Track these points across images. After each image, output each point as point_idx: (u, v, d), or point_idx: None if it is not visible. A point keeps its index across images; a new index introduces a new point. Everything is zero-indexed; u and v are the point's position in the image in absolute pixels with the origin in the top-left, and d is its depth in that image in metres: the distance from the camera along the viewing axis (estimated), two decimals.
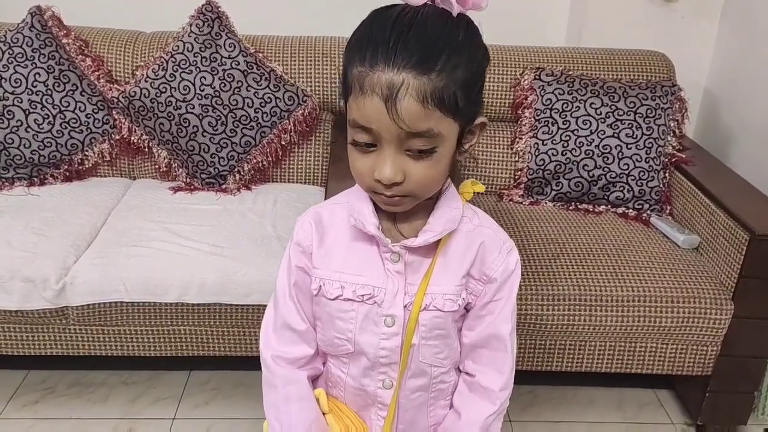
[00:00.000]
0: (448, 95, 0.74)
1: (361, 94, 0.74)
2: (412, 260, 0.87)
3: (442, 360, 0.91)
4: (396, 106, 0.72)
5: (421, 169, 0.78)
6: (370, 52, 0.73)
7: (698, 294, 1.63)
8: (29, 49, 1.96)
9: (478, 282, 0.89)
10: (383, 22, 0.75)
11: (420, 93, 0.72)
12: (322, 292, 0.88)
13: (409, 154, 0.77)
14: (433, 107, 0.73)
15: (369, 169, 0.79)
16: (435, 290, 0.86)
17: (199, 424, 1.78)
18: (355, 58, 0.75)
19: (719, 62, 2.35)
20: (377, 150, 0.77)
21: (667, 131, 1.98)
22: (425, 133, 0.75)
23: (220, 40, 1.99)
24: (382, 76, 0.72)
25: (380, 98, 0.73)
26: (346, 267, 0.88)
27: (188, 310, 1.64)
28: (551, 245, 1.76)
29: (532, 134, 2.02)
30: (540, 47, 2.17)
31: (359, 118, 0.76)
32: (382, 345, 0.88)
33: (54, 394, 1.86)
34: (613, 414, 1.88)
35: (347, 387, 0.93)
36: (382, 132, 0.75)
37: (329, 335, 0.91)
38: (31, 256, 1.63)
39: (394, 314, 0.86)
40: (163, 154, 2.04)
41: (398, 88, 0.72)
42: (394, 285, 0.86)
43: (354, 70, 0.75)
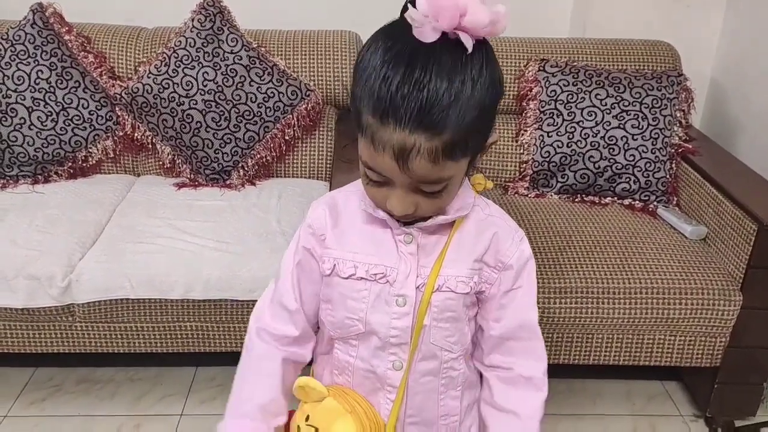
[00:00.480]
0: (460, 144, 0.74)
1: (372, 147, 0.75)
2: (425, 243, 0.88)
3: (453, 344, 0.91)
4: (408, 165, 0.73)
5: (433, 204, 0.81)
6: (381, 103, 0.71)
7: (706, 285, 1.62)
8: (31, 46, 1.95)
9: (493, 269, 0.90)
10: (395, 62, 0.71)
11: (432, 153, 0.72)
12: (336, 271, 0.89)
13: (422, 191, 0.79)
14: (445, 161, 0.74)
15: (382, 198, 0.81)
16: (448, 272, 0.87)
17: (206, 420, 1.78)
18: (365, 99, 0.74)
19: (725, 51, 2.33)
20: (389, 185, 0.79)
21: (673, 121, 1.97)
22: (437, 180, 0.77)
23: (222, 35, 1.98)
24: (393, 135, 0.72)
25: (391, 158, 0.73)
26: (359, 248, 0.89)
27: (194, 306, 1.64)
28: (557, 238, 1.75)
29: (537, 126, 2.01)
30: (544, 38, 2.15)
31: (371, 164, 0.77)
32: (393, 324, 0.88)
33: (61, 391, 1.86)
34: (621, 406, 1.87)
35: (355, 370, 0.93)
36: (394, 179, 0.77)
37: (340, 316, 0.91)
38: (36, 253, 1.63)
39: (405, 294, 0.87)
40: (166, 151, 2.04)
41: (410, 150, 0.72)
42: (407, 266, 0.87)
43: (365, 116, 0.74)
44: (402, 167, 0.74)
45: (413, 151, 0.72)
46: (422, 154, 0.72)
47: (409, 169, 0.73)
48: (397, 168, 0.74)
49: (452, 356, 0.93)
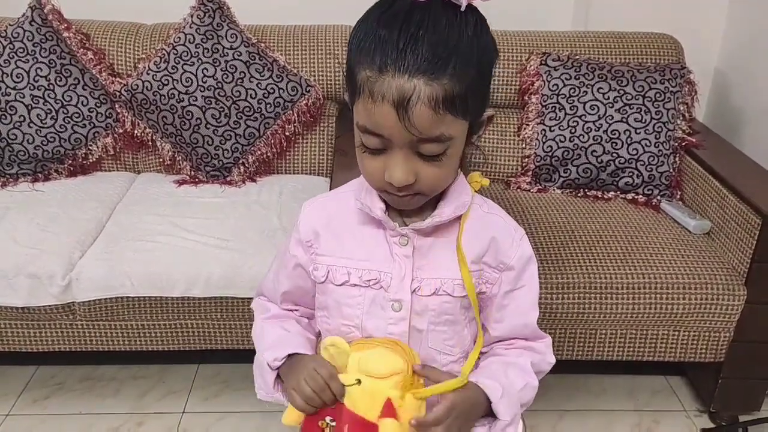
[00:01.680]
0: (459, 98, 0.72)
1: (370, 100, 0.73)
2: (420, 245, 0.86)
3: (452, 348, 0.90)
4: (408, 114, 0.71)
5: (432, 171, 0.78)
6: (379, 56, 0.72)
7: (710, 280, 1.61)
8: (30, 43, 1.94)
9: (494, 270, 0.89)
10: (390, 22, 0.72)
11: (432, 99, 0.71)
12: (330, 278, 0.88)
13: (420, 156, 0.76)
14: (445, 112, 0.72)
15: (379, 171, 0.78)
16: (444, 275, 0.86)
17: (208, 417, 1.78)
18: (362, 60, 0.73)
19: (730, 43, 2.31)
20: (387, 152, 0.77)
21: (676, 115, 1.95)
22: (437, 138, 0.74)
23: (221, 30, 1.97)
24: (392, 82, 0.71)
25: (391, 105, 0.72)
26: (352, 253, 0.88)
27: (195, 304, 1.63)
28: (560, 233, 1.74)
29: (539, 120, 1.99)
30: (546, 32, 2.14)
31: (369, 124, 0.75)
32: (390, 330, 0.87)
33: (64, 389, 1.86)
34: (624, 402, 1.87)
35: None
36: (393, 138, 0.74)
37: (336, 323, 0.90)
38: (36, 252, 1.62)
39: (401, 299, 0.86)
40: (166, 148, 2.03)
41: (410, 95, 0.71)
42: (401, 269, 0.85)
43: (361, 74, 0.73)
44: (402, 117, 0.72)
45: (413, 97, 0.71)
46: (422, 100, 0.71)
47: (410, 118, 0.71)
48: (396, 119, 0.72)
49: (452, 359, 0.91)
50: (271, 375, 0.90)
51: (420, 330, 0.87)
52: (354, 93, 0.77)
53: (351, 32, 0.77)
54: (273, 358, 0.89)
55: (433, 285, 0.86)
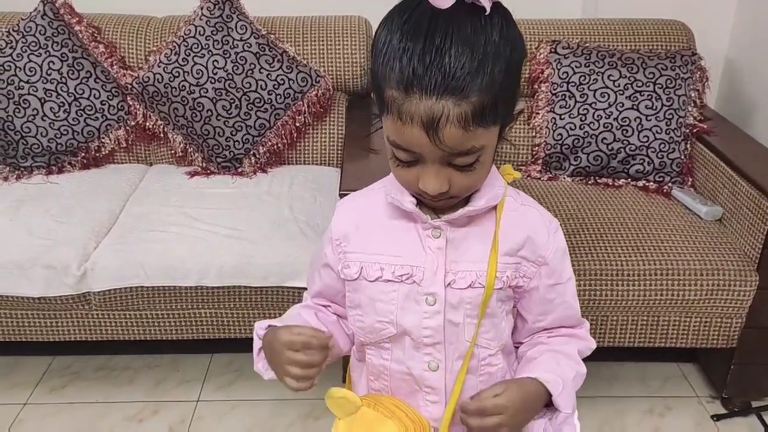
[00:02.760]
0: (488, 109, 0.71)
1: (399, 121, 0.72)
2: (453, 237, 0.85)
3: (489, 341, 0.88)
4: (438, 135, 0.70)
5: (465, 178, 0.77)
6: (405, 73, 0.70)
7: (722, 266, 1.60)
8: (42, 37, 1.96)
9: (533, 264, 0.87)
10: (414, 33, 0.70)
11: (461, 119, 0.70)
12: (363, 275, 0.87)
13: (454, 166, 0.76)
14: (475, 127, 0.71)
15: (413, 180, 0.78)
16: (480, 267, 0.84)
17: (222, 405, 1.80)
18: (387, 76, 0.72)
19: (741, 29, 2.29)
20: (419, 164, 0.76)
21: (687, 101, 1.94)
22: (468, 150, 0.73)
23: (231, 22, 1.97)
24: (419, 104, 0.70)
25: (420, 128, 0.71)
26: (384, 248, 0.87)
27: (208, 293, 1.65)
28: (571, 220, 1.74)
29: (549, 109, 1.99)
30: (555, 20, 2.13)
31: (399, 141, 0.74)
32: (425, 324, 0.85)
33: (80, 378, 1.89)
34: (637, 388, 1.87)
35: (391, 374, 0.90)
36: (425, 154, 0.74)
37: (370, 320, 0.88)
38: (51, 243, 1.65)
39: (434, 292, 0.84)
40: (178, 139, 2.04)
41: (439, 118, 0.69)
42: (433, 262, 0.84)
43: (388, 92, 0.72)
44: (432, 138, 0.71)
45: (442, 119, 0.69)
46: (452, 121, 0.70)
47: (440, 139, 0.71)
48: (426, 139, 0.71)
49: (489, 352, 0.89)
50: (257, 343, 0.91)
51: (456, 323, 0.86)
52: (381, 107, 0.75)
53: (374, 36, 0.76)
54: (259, 327, 0.91)
55: (468, 278, 0.84)
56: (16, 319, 1.69)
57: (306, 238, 1.69)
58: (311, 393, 0.88)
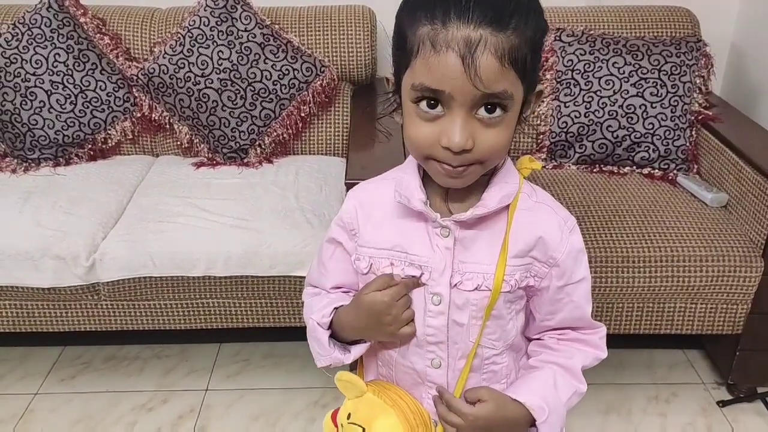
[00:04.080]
0: (522, 55, 0.71)
1: (433, 52, 0.70)
2: (462, 237, 0.83)
3: (494, 342, 0.87)
4: (475, 63, 0.69)
5: (491, 136, 0.74)
6: (442, 9, 0.70)
7: (727, 252, 1.61)
8: (48, 29, 1.97)
9: (544, 264, 0.85)
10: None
11: (498, 50, 0.69)
12: (373, 269, 0.87)
13: (480, 119, 0.73)
14: (509, 67, 0.70)
15: (433, 137, 0.75)
16: (488, 270, 0.82)
17: (231, 394, 1.82)
18: (420, 17, 0.71)
19: (746, 15, 2.28)
20: (445, 115, 0.73)
21: (692, 88, 1.94)
22: (500, 94, 0.71)
23: (235, 13, 1.98)
24: (457, 32, 0.69)
25: (457, 54, 0.69)
26: (393, 243, 0.85)
27: (215, 283, 1.66)
28: (576, 208, 1.74)
29: (554, 97, 1.99)
30: (560, 7, 2.13)
31: (429, 80, 0.72)
32: (429, 323, 0.85)
33: (90, 368, 1.91)
34: (643, 375, 1.88)
35: (396, 365, 0.91)
36: (455, 94, 0.71)
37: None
38: (60, 234, 1.66)
39: (440, 292, 0.83)
40: (184, 130, 2.05)
41: (476, 44, 0.68)
42: (441, 262, 0.83)
43: (421, 30, 0.71)
44: (468, 67, 0.69)
45: (480, 45, 0.68)
46: (489, 49, 0.69)
47: (476, 68, 0.69)
48: (461, 69, 0.69)
49: (494, 352, 0.88)
50: (324, 334, 0.89)
51: (461, 324, 0.85)
52: (409, 55, 0.73)
53: (399, 7, 0.76)
54: (321, 316, 0.89)
55: (475, 280, 0.83)
56: (26, 310, 1.71)
57: (312, 227, 1.70)
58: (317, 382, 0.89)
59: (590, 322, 0.91)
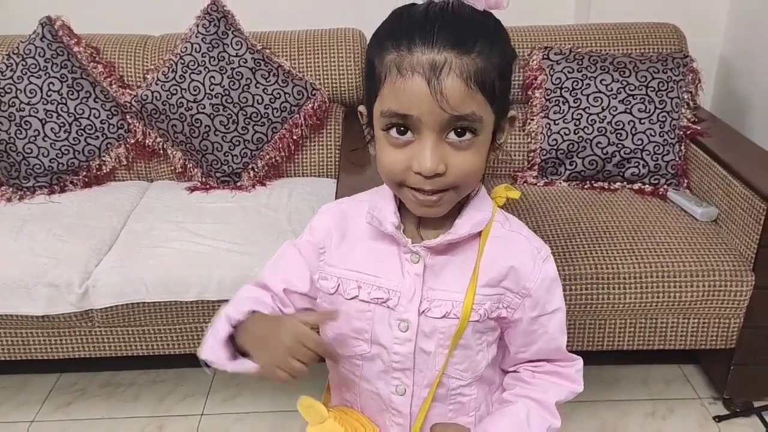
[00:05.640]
0: (489, 79, 0.72)
1: (399, 76, 0.71)
2: (433, 264, 0.83)
3: (461, 372, 0.86)
4: (440, 85, 0.69)
5: (463, 159, 0.74)
6: (407, 37, 0.71)
7: (718, 267, 1.61)
8: (42, 59, 1.99)
9: (516, 295, 0.84)
10: (412, 15, 0.73)
11: (464, 71, 0.70)
12: (339, 291, 0.86)
13: (450, 142, 0.73)
14: (476, 89, 0.71)
15: (404, 164, 0.75)
16: (456, 297, 0.82)
17: (227, 418, 1.82)
18: (387, 45, 0.73)
19: (734, 30, 2.31)
20: (415, 141, 0.74)
21: (680, 103, 1.95)
22: (468, 116, 0.72)
23: (226, 38, 2.00)
24: (422, 56, 0.70)
25: (422, 77, 0.70)
26: (362, 266, 0.85)
27: (209, 307, 1.67)
28: (567, 225, 1.75)
29: (544, 114, 2.01)
30: (547, 26, 2.15)
31: (397, 106, 0.72)
32: (395, 350, 0.84)
33: (86, 395, 1.91)
34: (638, 391, 1.87)
35: (361, 390, 0.90)
36: (423, 117, 0.71)
37: (345, 334, 0.87)
38: (54, 261, 1.67)
39: (407, 319, 0.82)
40: (177, 155, 2.07)
41: (441, 66, 0.69)
42: (410, 288, 0.82)
43: (388, 57, 0.72)
44: (433, 90, 0.69)
45: (445, 67, 0.69)
46: (454, 71, 0.70)
47: (442, 90, 0.69)
48: (427, 92, 0.70)
49: (461, 383, 0.87)
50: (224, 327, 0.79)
51: (428, 352, 0.84)
52: (378, 83, 0.74)
53: (369, 43, 0.78)
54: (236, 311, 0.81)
55: (443, 307, 0.82)
56: (21, 338, 1.71)
57: None
58: None
59: (566, 354, 0.90)
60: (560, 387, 0.89)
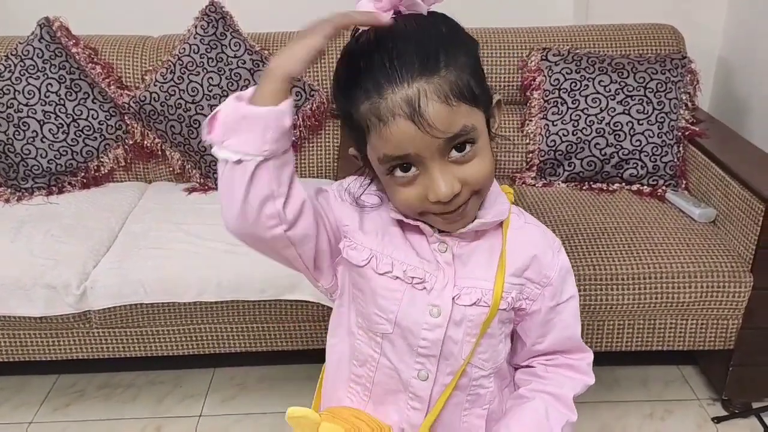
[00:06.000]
0: (464, 85, 0.71)
1: (381, 124, 0.70)
2: (460, 252, 0.83)
3: (484, 362, 0.86)
4: (424, 117, 0.69)
5: (473, 169, 0.74)
6: (371, 82, 0.70)
7: (716, 268, 1.61)
8: (40, 60, 1.99)
9: (537, 285, 0.85)
10: (365, 52, 0.71)
11: (440, 93, 0.69)
12: (371, 264, 0.83)
13: (454, 160, 0.73)
14: (458, 102, 0.70)
15: (420, 197, 0.75)
16: (485, 285, 0.82)
17: (225, 419, 1.81)
18: (355, 96, 0.71)
19: (732, 31, 2.31)
20: (421, 173, 0.73)
21: (678, 105, 1.96)
22: (461, 131, 0.71)
23: (225, 39, 2.00)
24: (395, 97, 0.69)
25: (404, 117, 0.69)
26: (398, 251, 0.83)
27: (207, 308, 1.67)
28: (565, 226, 1.75)
29: (542, 116, 2.01)
30: (545, 27, 2.15)
31: (390, 150, 0.72)
32: (424, 335, 0.82)
33: (84, 396, 1.90)
34: (638, 392, 1.87)
35: (379, 366, 0.87)
36: (420, 151, 0.71)
37: (369, 311, 0.85)
38: (52, 263, 1.67)
39: (440, 305, 0.82)
40: (176, 157, 2.07)
41: (417, 98, 0.68)
42: (445, 276, 0.82)
43: (362, 107, 0.71)
44: (419, 123, 0.68)
45: (421, 98, 0.68)
46: (431, 98, 0.69)
47: (427, 121, 0.68)
48: (414, 128, 0.69)
49: (482, 373, 0.87)
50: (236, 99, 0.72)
51: (455, 340, 0.83)
52: (358, 132, 0.74)
53: (331, 90, 0.77)
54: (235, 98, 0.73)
55: (474, 295, 0.82)
56: (19, 339, 1.71)
57: None
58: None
59: (580, 343, 0.91)
60: (574, 380, 0.91)
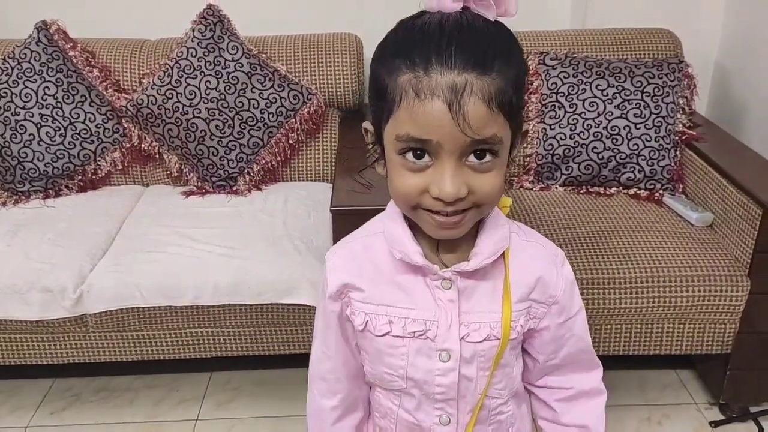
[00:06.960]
0: (508, 97, 0.68)
1: (417, 99, 0.66)
2: (464, 286, 0.80)
3: (500, 391, 0.85)
4: (462, 109, 0.65)
5: (484, 182, 0.71)
6: (422, 56, 0.67)
7: (713, 272, 1.61)
8: (37, 63, 1.99)
9: (542, 305, 0.83)
10: (426, 31, 0.68)
11: (486, 94, 0.66)
12: (369, 327, 0.81)
13: (470, 165, 0.69)
14: (498, 110, 0.67)
15: (421, 188, 0.71)
16: (493, 318, 0.80)
17: (222, 423, 1.81)
18: (399, 64, 0.68)
19: (729, 35, 2.31)
20: (433, 165, 0.70)
21: (676, 109, 1.96)
22: (490, 139, 0.68)
23: (222, 43, 2.00)
24: (441, 78, 0.65)
25: (443, 101, 0.65)
26: (391, 299, 0.81)
27: (204, 311, 1.66)
28: (563, 230, 1.75)
29: (539, 119, 2.01)
30: (543, 31, 2.15)
31: (415, 130, 0.68)
32: (438, 381, 0.81)
33: (80, 400, 1.90)
34: (635, 396, 1.87)
35: (399, 419, 0.87)
36: (444, 142, 0.67)
37: (378, 370, 0.84)
38: (48, 266, 1.66)
39: (449, 348, 0.80)
40: (173, 160, 2.06)
41: (462, 89, 0.65)
42: (447, 316, 0.79)
43: (402, 77, 0.68)
44: (455, 113, 0.65)
45: (466, 90, 0.65)
46: (476, 94, 0.65)
47: (464, 114, 0.65)
48: (449, 116, 0.65)
49: (500, 401, 0.87)
50: None
51: (470, 378, 0.82)
52: (390, 104, 0.70)
53: (373, 57, 0.73)
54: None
55: (483, 330, 0.80)
56: (15, 343, 1.70)
57: (300, 255, 1.71)
58: None
59: (592, 355, 0.90)
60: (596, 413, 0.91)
